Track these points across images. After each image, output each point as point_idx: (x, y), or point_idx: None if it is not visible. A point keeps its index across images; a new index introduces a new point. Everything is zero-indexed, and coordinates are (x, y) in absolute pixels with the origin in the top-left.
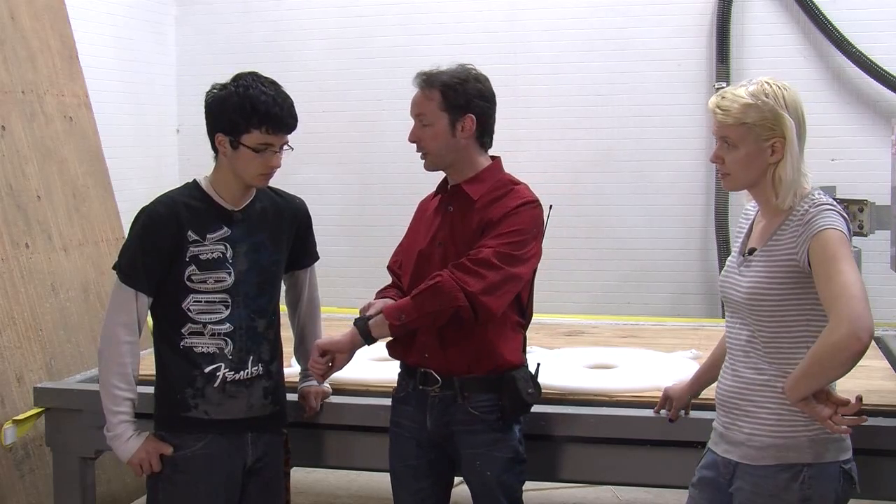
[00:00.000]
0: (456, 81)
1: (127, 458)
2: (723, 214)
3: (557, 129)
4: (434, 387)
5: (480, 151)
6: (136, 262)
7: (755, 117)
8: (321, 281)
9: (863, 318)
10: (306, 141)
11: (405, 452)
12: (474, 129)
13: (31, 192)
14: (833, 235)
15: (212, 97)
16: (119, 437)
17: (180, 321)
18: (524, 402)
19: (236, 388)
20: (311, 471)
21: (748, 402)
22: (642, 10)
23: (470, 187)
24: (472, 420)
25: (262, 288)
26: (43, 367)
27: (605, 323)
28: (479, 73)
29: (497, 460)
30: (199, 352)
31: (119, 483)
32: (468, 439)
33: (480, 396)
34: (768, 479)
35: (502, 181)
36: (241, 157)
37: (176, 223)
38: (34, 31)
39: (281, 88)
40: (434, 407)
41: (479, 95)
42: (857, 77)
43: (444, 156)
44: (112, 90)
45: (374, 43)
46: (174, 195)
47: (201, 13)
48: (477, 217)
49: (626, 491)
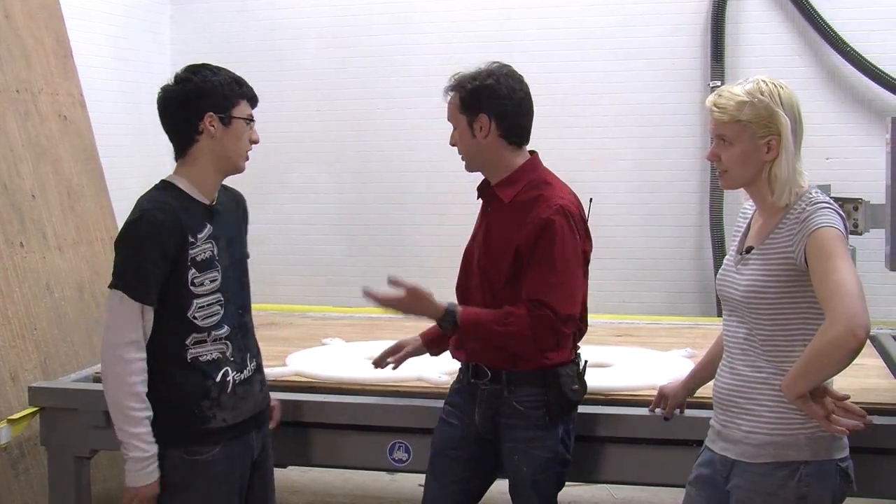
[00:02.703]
0: (468, 81)
1: (140, 484)
2: (718, 213)
3: (552, 128)
4: (484, 380)
5: (512, 149)
6: (143, 273)
7: (750, 115)
8: (317, 279)
9: (859, 316)
10: (301, 140)
11: (449, 440)
12: (492, 128)
13: (26, 192)
14: (829, 233)
15: (189, 86)
16: (141, 459)
17: (184, 332)
18: (568, 398)
19: (243, 388)
20: (306, 470)
21: (746, 400)
22: (637, 9)
23: (502, 190)
24: (516, 414)
25: (241, 282)
26: (38, 366)
27: (601, 321)
28: (500, 70)
29: (535, 458)
30: (205, 360)
31: (115, 482)
32: (510, 433)
33: (526, 391)
34: (765, 476)
35: (534, 182)
36: (234, 132)
37: (179, 228)
38: (28, 30)
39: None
40: (483, 400)
41: (491, 94)
42: (852, 76)
43: (472, 157)
44: (107, 89)
45: (368, 42)
46: (160, 198)
47: (197, 12)
48: (510, 225)
49: (621, 490)
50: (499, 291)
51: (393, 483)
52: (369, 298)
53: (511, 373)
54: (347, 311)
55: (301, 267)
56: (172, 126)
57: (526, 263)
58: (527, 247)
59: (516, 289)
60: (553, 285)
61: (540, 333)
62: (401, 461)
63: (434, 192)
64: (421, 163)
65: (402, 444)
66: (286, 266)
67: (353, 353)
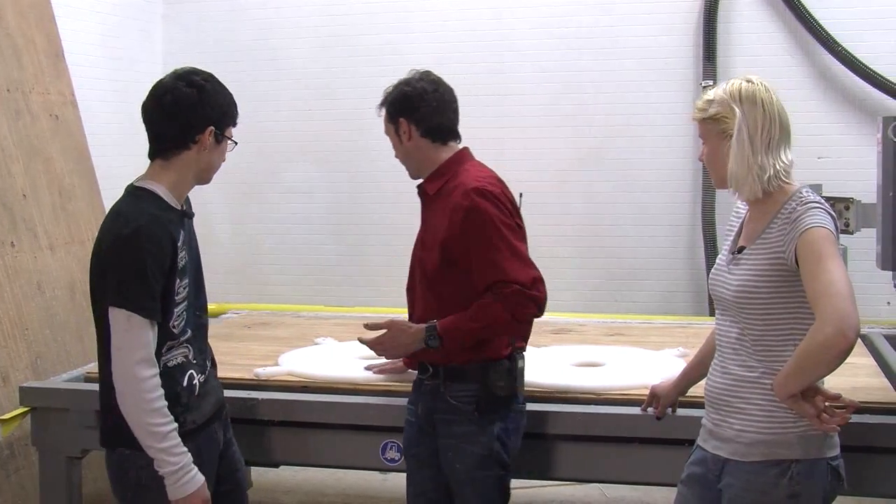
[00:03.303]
0: (387, 93)
1: (183, 495)
2: (710, 213)
3: (544, 127)
4: (425, 375)
5: (436, 147)
6: (148, 290)
7: (712, 112)
8: (309, 279)
9: (849, 316)
10: (294, 140)
11: (410, 439)
12: (413, 129)
13: (17, 191)
14: (820, 233)
15: (203, 94)
16: (175, 472)
17: (163, 340)
18: (493, 394)
19: (204, 388)
20: (299, 470)
21: (738, 399)
22: (629, 9)
23: (429, 185)
24: (451, 409)
25: (199, 284)
26: (29, 366)
27: (593, 321)
28: (416, 77)
29: (468, 454)
30: (172, 365)
31: (105, 483)
32: (445, 429)
33: (459, 386)
34: (757, 475)
35: (451, 171)
36: (220, 151)
37: (171, 240)
38: (19, 29)
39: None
40: (423, 394)
41: (403, 98)
42: (844, 75)
43: (407, 162)
44: (98, 88)
45: (361, 42)
46: (147, 209)
47: (188, 11)
48: (437, 215)
49: (613, 489)
50: (434, 285)
51: (385, 482)
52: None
53: (446, 368)
54: (340, 310)
55: (293, 266)
56: (168, 126)
57: (463, 255)
58: (456, 238)
59: (449, 280)
60: (502, 261)
61: (517, 310)
62: (393, 461)
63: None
64: None
65: (395, 443)
66: (278, 266)
67: (345, 353)
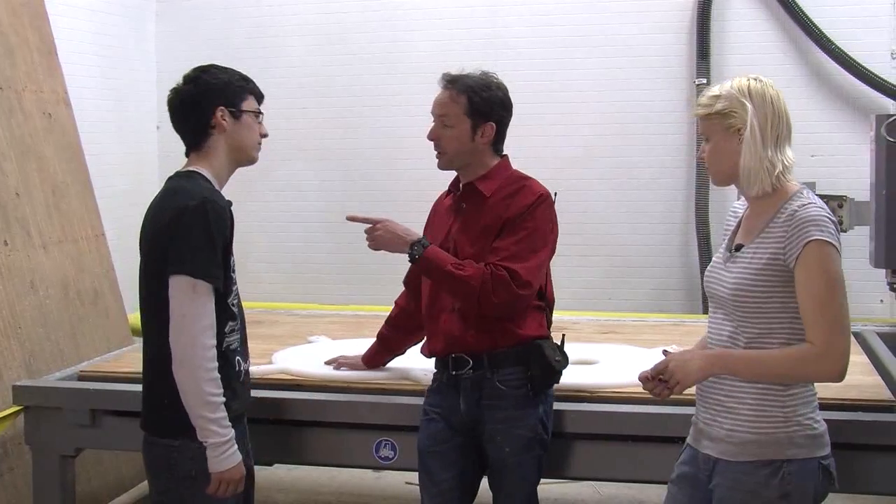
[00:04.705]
0: (482, 88)
1: (224, 468)
2: (704, 211)
3: (539, 125)
4: (466, 369)
5: (493, 154)
6: (213, 257)
7: (719, 108)
8: (302, 277)
9: (847, 355)
10: (287, 137)
11: (435, 434)
12: (493, 135)
13: (10, 190)
14: (828, 252)
15: (199, 83)
16: (220, 444)
17: (224, 320)
18: (553, 368)
19: (247, 378)
20: (293, 468)
21: (729, 398)
22: (623, 7)
23: (482, 184)
24: (499, 395)
25: (234, 270)
26: (22, 364)
27: (587, 319)
28: (501, 83)
29: (516, 438)
30: (231, 349)
31: (99, 481)
32: (492, 415)
33: (508, 370)
34: (748, 475)
35: (513, 177)
36: (244, 126)
37: (230, 215)
38: (12, 27)
39: None
40: (466, 388)
41: (501, 105)
42: (837, 73)
43: (461, 158)
44: (92, 86)
45: (354, 39)
46: (206, 185)
47: (182, 9)
48: (491, 213)
49: (607, 486)
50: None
51: (379, 480)
52: (355, 220)
53: (492, 353)
54: (333, 308)
55: (287, 265)
56: (186, 124)
57: (506, 226)
58: (510, 220)
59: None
60: (520, 251)
61: (488, 287)
62: (387, 459)
63: (420, 189)
64: (407, 161)
65: (389, 441)
66: (272, 264)
67: (338, 351)
